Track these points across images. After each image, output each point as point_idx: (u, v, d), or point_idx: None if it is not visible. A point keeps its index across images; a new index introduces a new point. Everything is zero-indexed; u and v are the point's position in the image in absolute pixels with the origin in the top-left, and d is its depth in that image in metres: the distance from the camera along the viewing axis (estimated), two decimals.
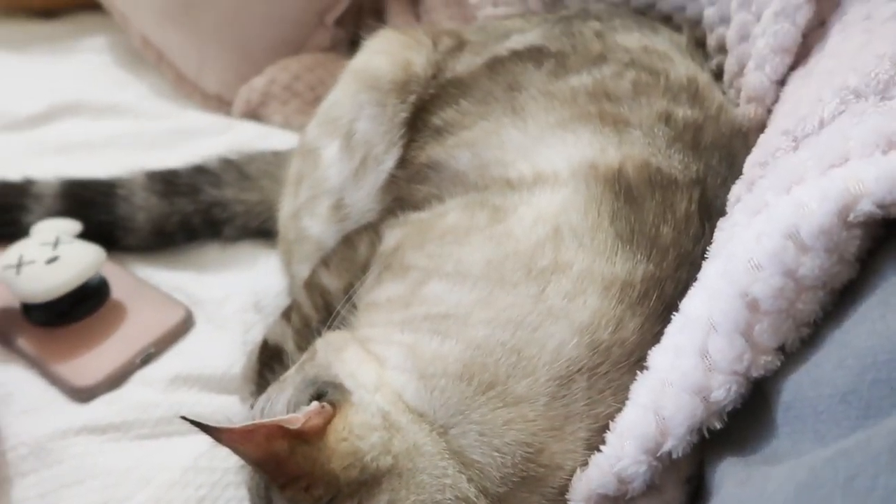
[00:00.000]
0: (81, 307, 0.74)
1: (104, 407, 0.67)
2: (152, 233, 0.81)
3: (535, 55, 0.67)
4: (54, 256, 0.72)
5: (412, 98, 0.69)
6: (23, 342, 0.72)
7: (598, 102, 0.61)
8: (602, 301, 0.50)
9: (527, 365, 0.49)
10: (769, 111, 0.61)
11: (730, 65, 0.67)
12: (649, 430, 0.45)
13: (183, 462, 0.62)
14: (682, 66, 0.65)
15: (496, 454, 0.47)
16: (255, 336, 0.72)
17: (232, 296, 0.77)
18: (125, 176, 0.82)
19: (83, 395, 0.68)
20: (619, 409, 0.48)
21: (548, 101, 0.62)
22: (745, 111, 0.62)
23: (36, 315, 0.73)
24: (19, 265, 0.72)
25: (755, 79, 0.61)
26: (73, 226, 0.77)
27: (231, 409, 0.66)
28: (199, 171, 0.83)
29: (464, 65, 0.71)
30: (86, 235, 0.77)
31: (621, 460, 0.46)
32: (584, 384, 0.48)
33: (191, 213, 0.81)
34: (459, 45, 0.74)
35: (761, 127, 0.60)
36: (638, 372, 0.48)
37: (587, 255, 0.52)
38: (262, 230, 0.82)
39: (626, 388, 0.48)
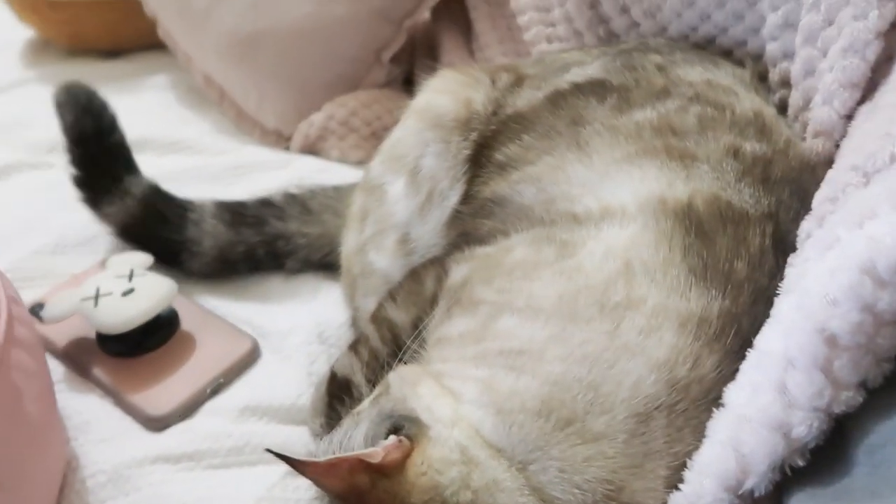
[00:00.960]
0: (153, 338, 0.76)
1: (177, 436, 0.68)
2: (216, 259, 0.83)
3: (597, 89, 0.68)
4: (130, 289, 0.75)
5: (474, 135, 0.71)
6: (99, 372, 0.74)
7: (664, 137, 0.61)
8: (678, 337, 0.50)
9: (604, 401, 0.49)
10: (837, 145, 0.61)
11: (794, 99, 0.67)
12: (729, 467, 0.45)
13: (256, 492, 0.62)
14: (747, 101, 0.66)
15: (577, 491, 0.47)
16: (320, 367, 0.73)
17: (296, 327, 0.78)
18: (197, 201, 0.84)
19: (157, 424, 0.70)
20: (698, 448, 0.47)
21: (612, 135, 0.63)
22: (813, 145, 0.62)
23: (110, 345, 0.76)
24: (97, 297, 0.74)
25: (823, 113, 0.61)
26: (146, 259, 0.80)
27: (301, 440, 0.67)
28: (265, 203, 0.85)
29: (524, 100, 0.72)
30: (150, 250, 0.81)
31: (702, 498, 0.46)
32: (664, 422, 0.48)
33: (255, 244, 0.83)
34: (518, 81, 0.75)
35: (829, 161, 0.59)
36: (715, 410, 0.48)
37: (660, 290, 0.52)
38: (324, 263, 0.83)
39: (705, 427, 0.48)
